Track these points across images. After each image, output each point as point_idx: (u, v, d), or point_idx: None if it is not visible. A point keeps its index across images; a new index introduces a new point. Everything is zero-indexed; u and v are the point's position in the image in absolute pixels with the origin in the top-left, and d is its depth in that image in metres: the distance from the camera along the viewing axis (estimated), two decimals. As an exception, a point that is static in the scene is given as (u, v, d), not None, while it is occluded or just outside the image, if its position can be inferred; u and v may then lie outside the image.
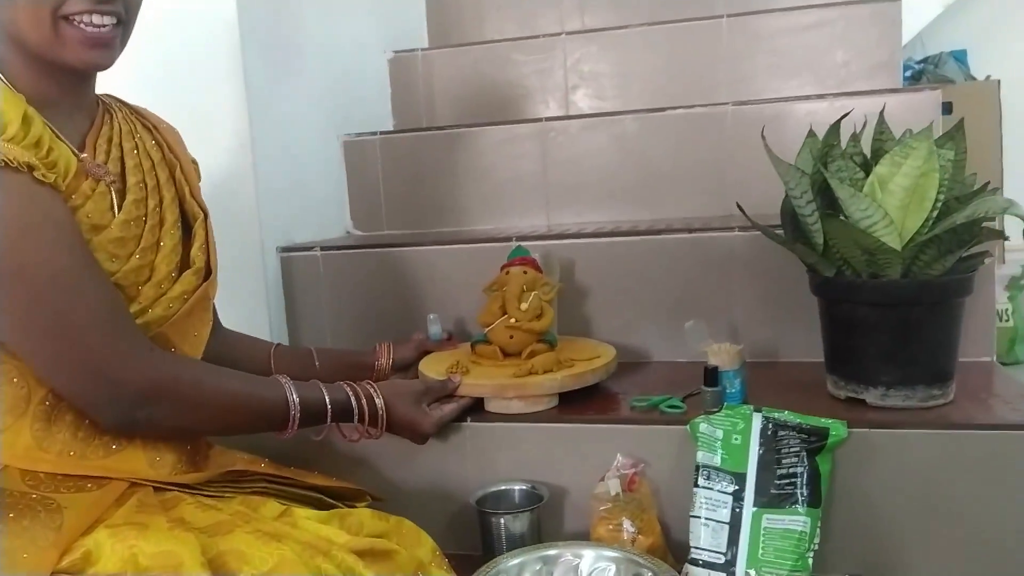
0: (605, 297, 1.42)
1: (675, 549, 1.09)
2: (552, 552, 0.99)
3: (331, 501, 1.07)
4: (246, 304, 1.51)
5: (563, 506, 1.15)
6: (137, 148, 1.00)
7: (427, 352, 1.34)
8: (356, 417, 1.04)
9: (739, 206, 1.13)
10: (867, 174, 1.05)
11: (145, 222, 0.95)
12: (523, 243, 1.38)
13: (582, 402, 1.19)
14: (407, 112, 2.01)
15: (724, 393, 1.11)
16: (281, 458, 1.07)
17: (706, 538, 1.00)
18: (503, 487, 1.14)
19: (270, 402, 0.97)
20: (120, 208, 0.93)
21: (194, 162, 1.10)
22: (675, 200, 1.62)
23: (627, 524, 1.06)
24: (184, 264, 1.00)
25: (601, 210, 1.66)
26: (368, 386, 1.07)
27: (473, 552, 1.15)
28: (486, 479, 1.16)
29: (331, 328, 1.55)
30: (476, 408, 1.18)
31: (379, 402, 1.06)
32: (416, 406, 1.09)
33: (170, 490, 0.93)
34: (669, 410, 1.12)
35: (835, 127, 1.09)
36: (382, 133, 1.80)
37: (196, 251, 1.00)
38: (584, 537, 1.10)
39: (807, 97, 1.58)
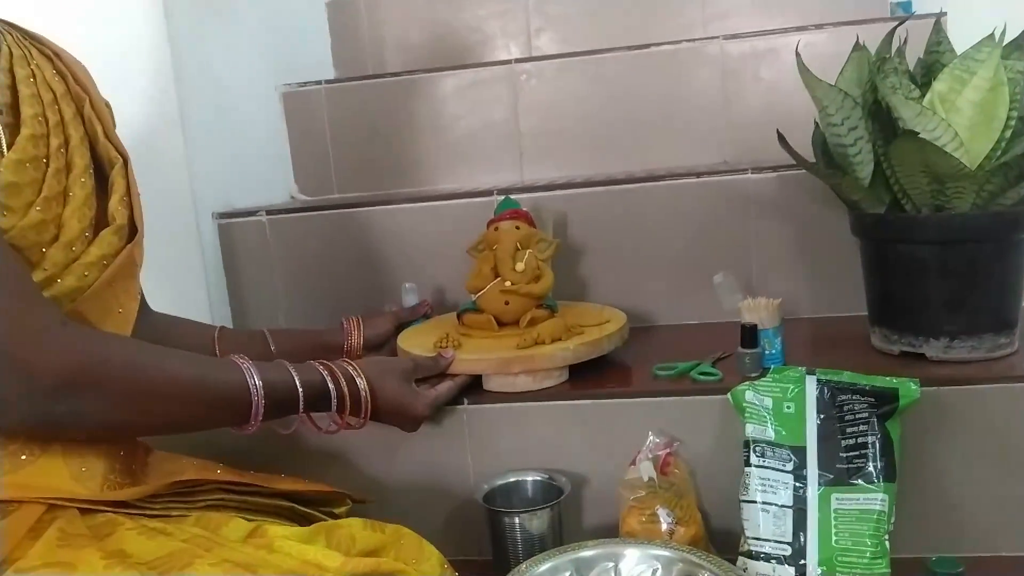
0: (602, 256, 1.25)
1: (714, 540, 0.93)
2: (587, 554, 0.82)
3: (305, 510, 0.88)
4: (179, 281, 1.28)
5: (582, 497, 0.98)
6: (34, 77, 0.77)
7: (404, 326, 1.15)
8: (335, 403, 0.84)
9: (779, 134, 0.97)
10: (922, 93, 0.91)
11: (47, 165, 0.73)
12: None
13: (594, 375, 1.01)
14: (350, 61, 1.78)
15: (763, 355, 0.95)
16: (237, 461, 0.86)
17: (767, 526, 0.84)
18: (513, 479, 0.96)
19: (226, 388, 0.77)
20: (10, 146, 0.70)
21: (108, 105, 0.87)
22: (665, 148, 1.45)
23: (663, 514, 0.90)
24: (101, 222, 0.78)
25: (582, 162, 1.49)
26: (346, 365, 0.87)
27: (478, 557, 0.97)
28: (490, 470, 0.97)
29: (284, 306, 1.34)
30: (473, 387, 1.00)
31: (361, 383, 0.86)
32: (406, 385, 0.90)
33: (102, 511, 0.72)
34: (702, 378, 0.96)
35: (888, 38, 0.94)
36: (327, 82, 1.57)
37: (116, 205, 0.78)
38: (611, 532, 0.93)
39: (804, 28, 1.43)
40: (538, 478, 0.95)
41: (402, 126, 1.55)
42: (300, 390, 0.81)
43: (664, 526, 0.89)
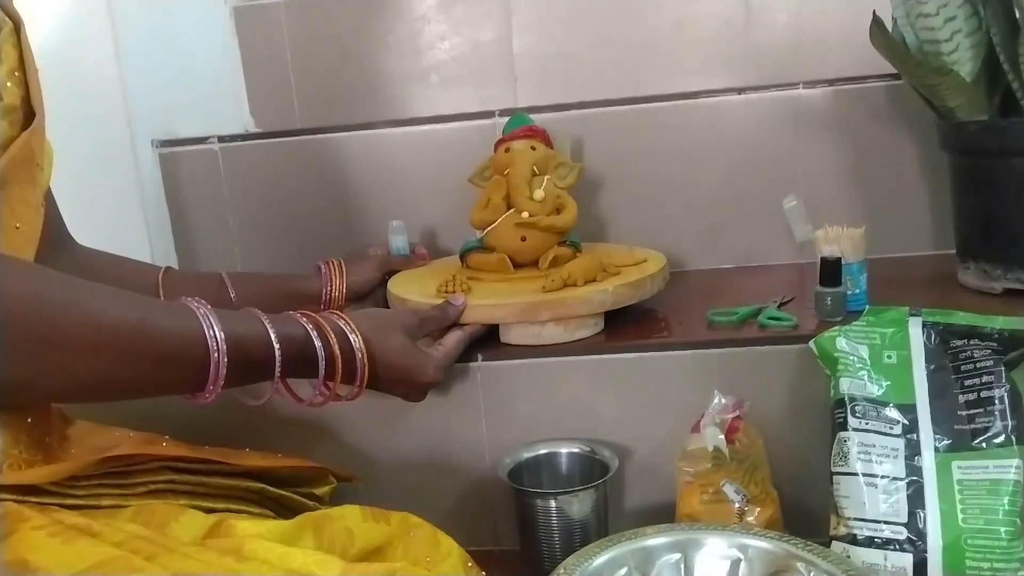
0: (623, 190, 1.06)
1: (788, 523, 0.76)
2: (650, 543, 0.64)
3: (278, 492, 0.68)
4: (113, 218, 1.06)
5: (624, 473, 0.79)
6: None
7: (393, 272, 0.94)
8: (322, 367, 0.64)
9: (875, 19, 0.78)
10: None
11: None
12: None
13: (634, 324, 0.83)
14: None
15: (845, 295, 0.78)
16: (190, 435, 0.66)
17: (873, 504, 0.67)
18: (543, 450, 0.77)
19: (174, 340, 0.56)
20: None
21: None
22: (677, 73, 1.26)
23: (732, 491, 0.72)
24: None
25: (584, 89, 1.29)
26: (335, 318, 0.67)
27: (494, 547, 0.79)
28: (510, 440, 0.79)
29: (240, 251, 1.12)
30: (487, 340, 0.80)
31: (356, 341, 0.66)
32: (410, 344, 0.70)
33: (4, 500, 0.52)
34: (772, 323, 0.78)
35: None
36: (287, -7, 1.34)
37: (4, 78, 0.56)
38: (662, 516, 0.75)
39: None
40: (575, 450, 0.77)
41: (376, 48, 1.33)
42: (277, 347, 0.60)
43: (736, 505, 0.71)
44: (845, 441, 0.69)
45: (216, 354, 0.56)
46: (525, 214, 0.86)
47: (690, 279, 1.00)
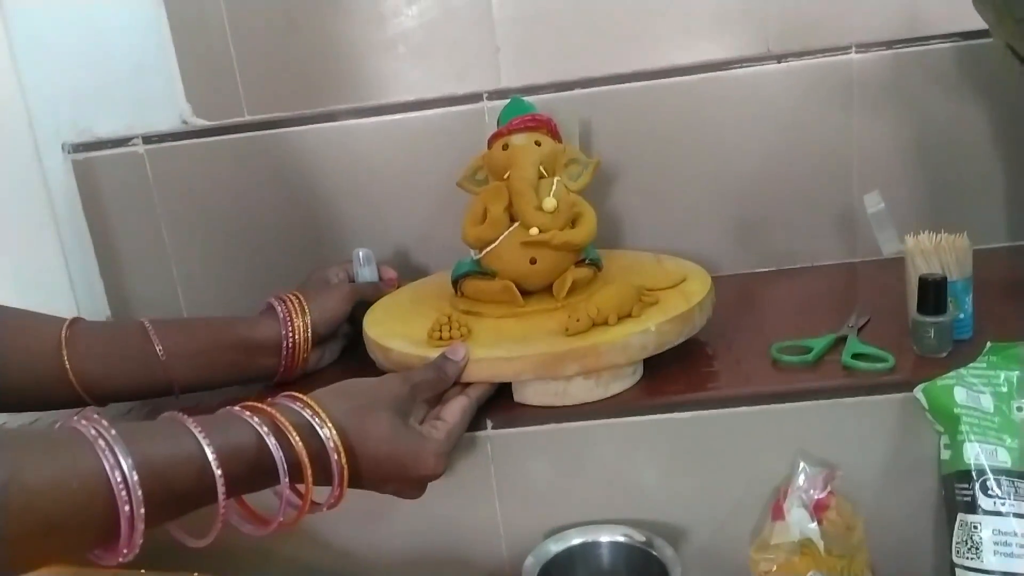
0: (638, 182, 0.88)
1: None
2: None
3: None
4: (17, 245, 0.86)
5: (683, 561, 0.63)
6: None
7: (362, 302, 0.76)
8: (284, 476, 0.46)
9: None
10: None
11: None
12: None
13: (678, 366, 0.66)
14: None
15: (952, 325, 0.62)
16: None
17: (1021, 614, 0.52)
18: (576, 540, 0.60)
19: (64, 494, 0.38)
20: None
21: None
22: (689, 38, 1.07)
23: (822, 585, 0.56)
24: None
25: (576, 52, 1.10)
26: (296, 404, 0.49)
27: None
28: (531, 527, 0.62)
29: (180, 272, 0.93)
30: (498, 398, 0.63)
31: (328, 433, 0.49)
32: (401, 424, 0.53)
33: None
34: (861, 365, 0.61)
35: None
36: (222, -41, 1.12)
37: None
38: (731, 613, 0.60)
39: None
40: (620, 538, 0.60)
41: (333, 19, 1.12)
42: (218, 471, 0.43)
43: (829, 609, 0.56)
44: (974, 528, 0.53)
45: (128, 506, 0.38)
46: (534, 230, 0.67)
47: (727, 288, 0.82)
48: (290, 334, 0.69)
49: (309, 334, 0.70)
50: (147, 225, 0.91)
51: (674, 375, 0.64)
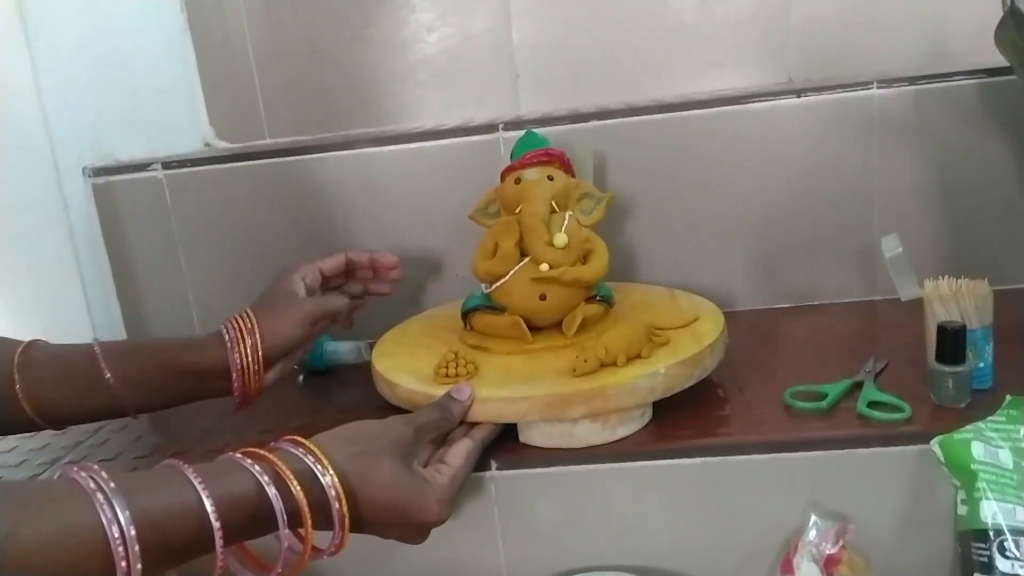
0: (652, 214, 0.87)
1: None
2: None
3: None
4: (36, 268, 0.87)
5: (685, 608, 0.62)
6: None
7: (323, 318, 0.71)
8: (283, 525, 0.46)
9: (1013, 6, 0.60)
10: None
11: None
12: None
13: (687, 411, 0.64)
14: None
15: (971, 375, 0.60)
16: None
17: None
18: (582, 591, 0.59)
19: (61, 551, 0.38)
20: None
21: None
22: (709, 68, 1.06)
23: (832, 644, 0.55)
24: None
25: (595, 81, 1.09)
26: (298, 451, 0.49)
27: None
28: (535, 574, 0.61)
29: (198, 297, 0.93)
30: (503, 439, 0.62)
31: (330, 481, 0.48)
32: (404, 469, 0.52)
33: None
34: (877, 415, 0.60)
35: None
36: (247, -16, 1.14)
37: None
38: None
39: None
40: (623, 590, 0.59)
41: (353, 42, 1.13)
42: (216, 524, 0.42)
43: (839, 669, 0.54)
44: (993, 590, 0.51)
45: (124, 561, 0.38)
46: (544, 266, 0.67)
47: (741, 325, 0.81)
48: (238, 360, 0.65)
49: (260, 355, 0.65)
50: (164, 249, 0.92)
51: (684, 418, 0.63)
